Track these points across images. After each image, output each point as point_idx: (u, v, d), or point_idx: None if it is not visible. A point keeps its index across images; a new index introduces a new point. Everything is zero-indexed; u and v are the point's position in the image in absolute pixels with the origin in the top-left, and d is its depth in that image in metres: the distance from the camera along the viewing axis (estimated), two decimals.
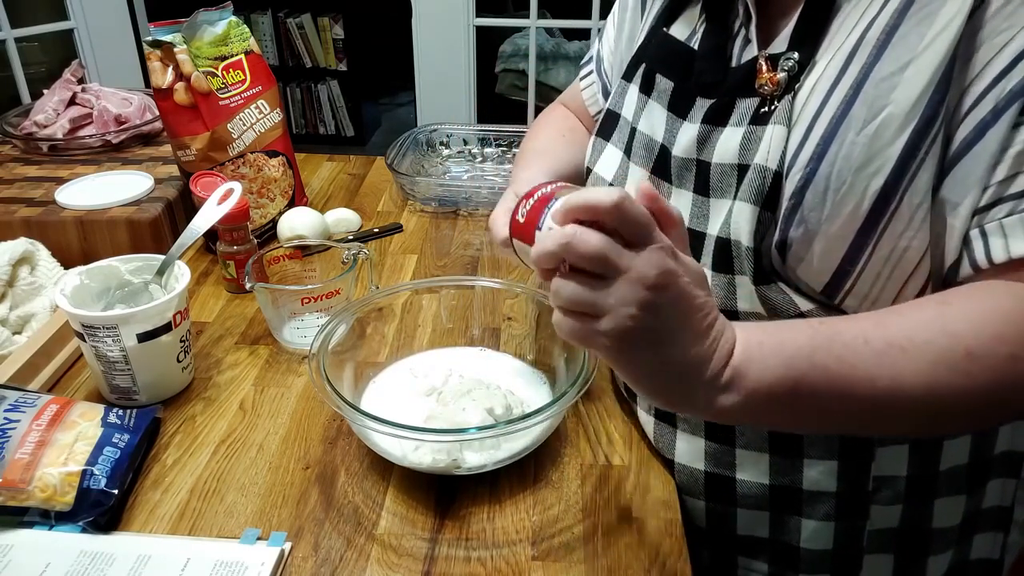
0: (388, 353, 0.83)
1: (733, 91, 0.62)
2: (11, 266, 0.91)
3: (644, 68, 0.71)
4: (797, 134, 0.57)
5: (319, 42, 3.74)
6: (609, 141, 0.75)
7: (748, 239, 0.59)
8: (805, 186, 0.56)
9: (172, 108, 0.98)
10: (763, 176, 0.58)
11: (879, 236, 0.55)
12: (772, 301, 0.60)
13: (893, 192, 0.53)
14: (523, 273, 1.04)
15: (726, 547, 0.72)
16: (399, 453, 0.68)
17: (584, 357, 0.70)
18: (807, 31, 0.58)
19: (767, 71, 0.59)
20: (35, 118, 1.26)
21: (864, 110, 0.54)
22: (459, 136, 1.37)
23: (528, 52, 2.51)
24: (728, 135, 0.62)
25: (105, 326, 0.72)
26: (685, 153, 0.65)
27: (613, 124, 0.75)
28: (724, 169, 0.62)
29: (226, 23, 1.04)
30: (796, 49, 0.58)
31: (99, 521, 0.64)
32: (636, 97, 0.72)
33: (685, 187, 0.66)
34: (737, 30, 0.64)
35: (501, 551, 0.63)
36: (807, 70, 0.57)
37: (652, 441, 0.73)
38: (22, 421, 0.66)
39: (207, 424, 0.76)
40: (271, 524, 0.65)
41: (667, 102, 0.68)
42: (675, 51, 0.68)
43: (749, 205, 0.58)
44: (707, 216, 0.64)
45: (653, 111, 0.69)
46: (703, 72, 0.65)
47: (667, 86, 0.68)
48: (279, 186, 1.09)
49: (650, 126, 0.69)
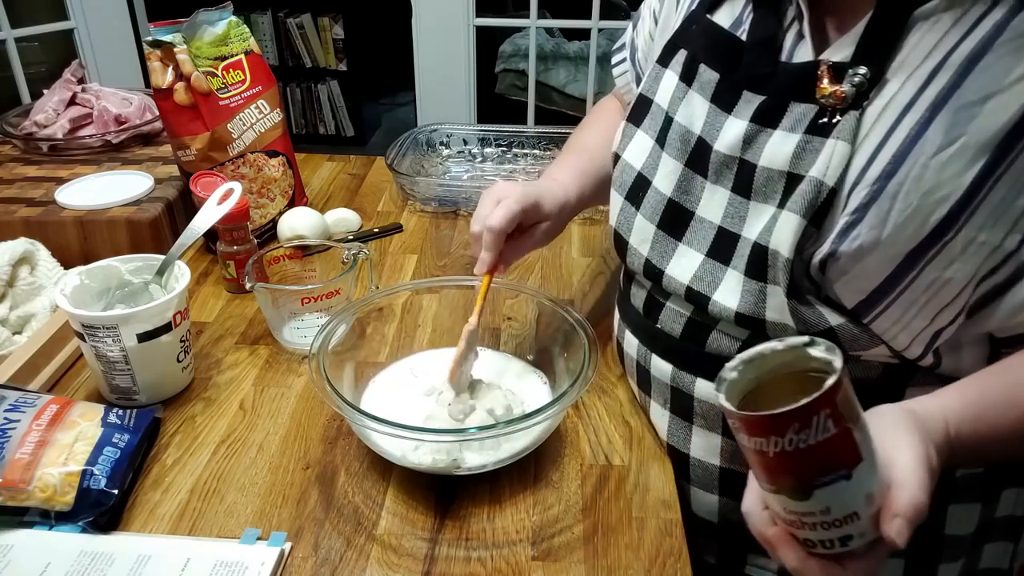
0: (388, 353, 0.83)
1: (786, 92, 0.60)
2: (11, 266, 0.91)
3: (686, 56, 0.68)
4: (866, 151, 0.55)
5: (319, 42, 3.74)
6: (640, 127, 0.73)
7: (788, 251, 0.58)
8: (870, 203, 0.55)
9: (172, 108, 0.98)
10: (818, 190, 0.56)
11: (928, 262, 0.55)
12: (802, 314, 0.59)
13: (954, 221, 0.53)
14: (523, 273, 1.04)
15: (737, 543, 0.72)
16: (399, 453, 0.68)
17: (584, 357, 0.70)
18: (876, 45, 0.56)
19: (829, 82, 0.57)
20: (35, 118, 1.25)
21: (939, 135, 0.53)
22: (459, 136, 1.37)
23: (528, 52, 2.51)
24: (779, 140, 0.60)
25: (105, 326, 0.72)
26: (728, 150, 0.63)
27: (645, 110, 0.73)
28: (771, 174, 0.60)
29: (226, 23, 1.04)
30: (863, 62, 0.56)
31: (99, 521, 0.64)
32: (674, 85, 0.69)
33: (722, 184, 0.65)
34: (790, 22, 0.62)
35: (501, 551, 0.63)
36: (878, 87, 0.55)
37: (665, 436, 0.73)
38: (22, 421, 0.66)
39: (207, 424, 0.76)
40: (271, 524, 0.65)
41: (710, 94, 0.65)
42: (721, 40, 0.66)
43: (797, 217, 0.57)
44: (744, 219, 0.63)
45: (693, 102, 0.67)
46: (752, 64, 0.62)
47: (711, 77, 0.65)
48: (279, 186, 1.09)
49: (688, 117, 0.67)
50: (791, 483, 0.44)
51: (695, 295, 0.66)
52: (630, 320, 0.77)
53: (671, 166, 0.68)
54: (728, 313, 0.63)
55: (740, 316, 0.63)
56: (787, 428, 0.41)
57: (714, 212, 0.65)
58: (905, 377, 0.62)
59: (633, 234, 0.72)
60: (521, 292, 0.83)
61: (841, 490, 0.43)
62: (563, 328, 0.77)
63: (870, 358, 0.61)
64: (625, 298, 0.78)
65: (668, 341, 0.71)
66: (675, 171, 0.68)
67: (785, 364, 0.46)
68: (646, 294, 0.74)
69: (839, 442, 0.42)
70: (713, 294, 0.65)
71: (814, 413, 0.41)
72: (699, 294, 0.66)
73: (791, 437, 0.41)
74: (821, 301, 0.60)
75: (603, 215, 1.18)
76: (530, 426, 0.65)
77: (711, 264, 0.65)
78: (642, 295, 0.74)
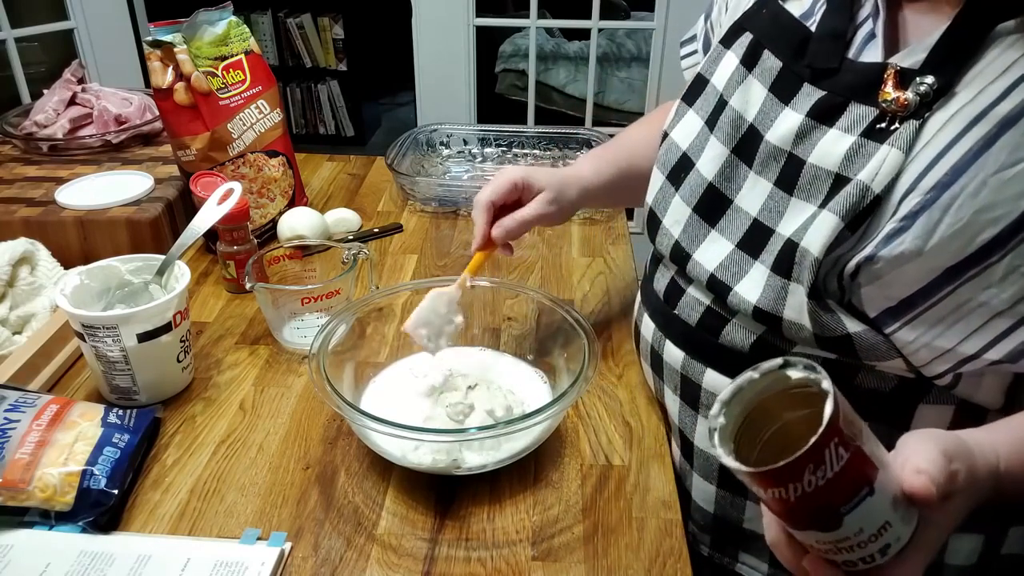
0: (388, 353, 0.83)
1: (848, 91, 0.58)
2: (11, 266, 0.91)
3: (751, 40, 0.66)
4: (924, 159, 0.54)
5: (319, 42, 3.74)
6: (691, 107, 0.71)
7: (819, 251, 0.57)
8: (920, 211, 0.53)
9: (172, 108, 0.98)
10: (863, 195, 0.55)
11: (965, 281, 0.53)
12: (819, 317, 0.58)
13: (1002, 245, 0.52)
14: (523, 273, 1.04)
15: (729, 538, 0.72)
16: (399, 453, 0.68)
17: (584, 357, 0.70)
18: (950, 55, 0.54)
19: (894, 86, 0.55)
20: (35, 118, 1.25)
21: (1004, 153, 0.51)
22: (459, 136, 1.37)
23: (528, 52, 2.51)
24: (833, 139, 0.58)
25: (105, 326, 0.72)
26: (780, 142, 0.62)
27: (699, 89, 0.71)
28: (819, 173, 0.59)
29: (226, 23, 1.04)
30: (932, 71, 0.54)
31: (99, 521, 0.64)
32: (734, 68, 0.67)
33: (766, 176, 0.63)
34: (863, 19, 0.60)
35: (501, 551, 0.63)
36: (944, 98, 0.54)
37: (676, 421, 0.73)
38: (22, 421, 0.66)
39: (207, 424, 0.76)
40: (271, 524, 0.65)
41: (770, 82, 0.64)
42: (789, 28, 0.64)
43: (835, 218, 0.56)
44: (782, 214, 0.62)
45: (751, 88, 0.65)
46: (817, 55, 0.61)
47: (774, 64, 0.64)
48: (279, 186, 1.09)
49: (744, 103, 0.65)
50: (819, 519, 0.43)
51: (717, 284, 0.66)
52: (650, 304, 0.77)
53: (717, 150, 0.67)
54: (747, 306, 0.63)
55: (758, 311, 0.62)
56: (803, 471, 0.40)
57: (753, 203, 0.64)
58: (920, 393, 0.61)
59: (668, 214, 0.71)
60: (521, 292, 0.83)
61: (869, 507, 0.42)
62: (563, 328, 0.77)
63: (886, 369, 0.60)
64: (648, 282, 0.78)
65: (684, 328, 0.71)
66: (720, 156, 0.66)
67: (766, 389, 0.45)
68: (669, 279, 0.73)
69: (855, 463, 0.41)
70: (736, 285, 0.64)
71: (825, 447, 0.40)
72: (722, 283, 0.65)
73: (809, 479, 0.40)
74: (843, 306, 0.59)
75: (603, 215, 1.18)
76: (530, 426, 0.65)
77: (739, 255, 0.65)
78: (665, 280, 0.74)
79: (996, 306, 0.53)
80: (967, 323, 0.55)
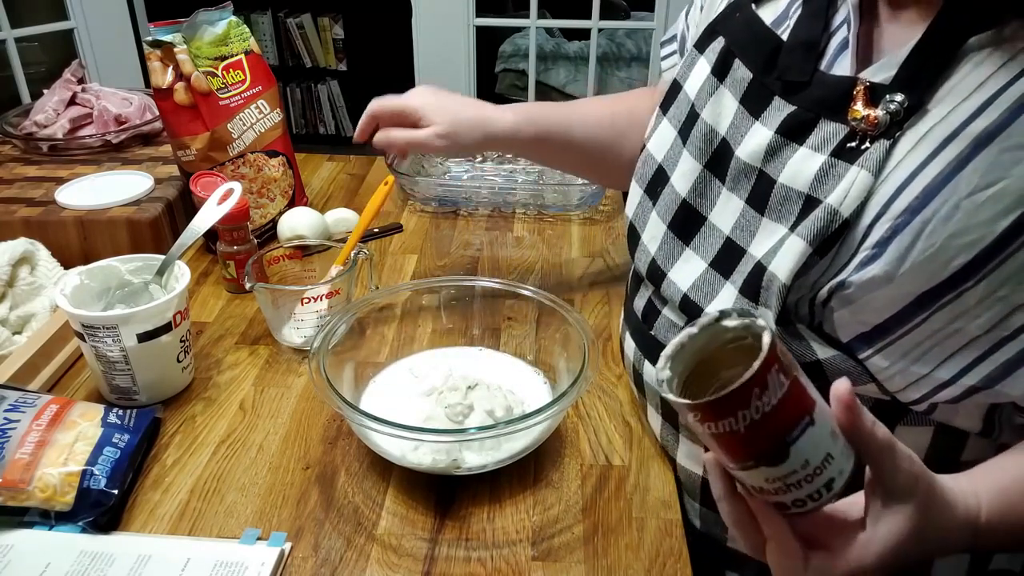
0: (388, 353, 0.83)
1: (819, 107, 0.56)
2: (11, 266, 0.91)
3: (722, 47, 0.64)
4: (894, 181, 0.52)
5: (319, 42, 3.74)
6: (666, 115, 0.70)
7: (786, 276, 0.55)
8: (891, 237, 0.51)
9: (172, 108, 0.98)
10: (831, 219, 0.53)
11: (939, 307, 0.51)
12: (788, 344, 0.57)
13: (977, 270, 0.49)
14: (523, 273, 1.04)
15: (715, 555, 0.72)
16: (399, 453, 0.68)
17: (584, 357, 0.70)
18: (920, 71, 0.51)
19: (864, 103, 0.53)
20: (35, 118, 1.25)
21: (977, 176, 0.49)
22: None
23: (528, 52, 2.51)
24: (803, 158, 0.56)
25: (105, 326, 0.72)
26: (750, 159, 0.60)
27: (674, 96, 0.69)
28: (789, 194, 0.57)
29: (226, 23, 1.04)
30: (902, 88, 0.52)
31: (99, 521, 0.64)
32: (705, 77, 0.65)
33: (738, 193, 0.61)
34: (837, 27, 0.58)
35: (501, 551, 0.63)
36: (916, 116, 0.51)
37: (659, 439, 0.73)
38: (22, 421, 0.66)
39: (207, 424, 0.76)
40: (271, 524, 0.65)
41: (740, 94, 0.61)
42: (760, 37, 0.61)
43: (803, 243, 0.54)
44: (754, 234, 0.60)
45: (723, 100, 0.63)
46: (788, 68, 0.58)
47: (744, 75, 0.61)
48: (279, 186, 1.09)
49: (715, 115, 0.63)
50: (768, 449, 0.44)
51: (690, 305, 0.64)
52: (630, 323, 0.76)
53: (689, 165, 0.65)
54: None
55: None
56: (750, 397, 0.42)
57: (725, 221, 0.63)
58: (897, 415, 0.59)
59: (646, 230, 0.70)
60: (521, 292, 0.83)
61: (811, 437, 0.44)
62: (563, 328, 0.77)
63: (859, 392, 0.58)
64: (630, 300, 0.78)
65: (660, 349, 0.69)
66: (693, 171, 0.65)
67: (708, 343, 0.47)
68: (647, 299, 0.73)
69: (796, 391, 0.43)
70: (706, 306, 0.63)
71: (767, 372, 0.41)
72: (694, 304, 0.64)
73: (756, 404, 0.42)
74: (814, 331, 0.57)
75: (603, 215, 1.19)
76: (530, 426, 0.65)
77: (712, 275, 0.63)
78: (643, 300, 0.73)
79: (972, 331, 0.51)
80: (942, 348, 0.52)
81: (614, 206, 1.21)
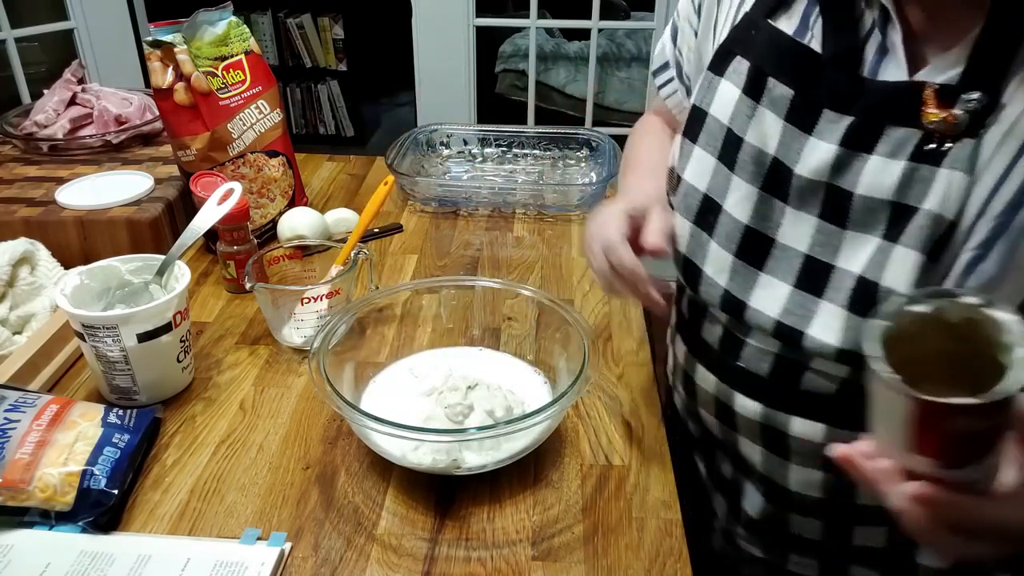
0: (388, 353, 0.83)
1: (880, 114, 0.55)
2: (11, 266, 0.91)
3: (749, 68, 0.63)
4: (988, 182, 0.51)
5: (319, 42, 3.74)
6: (697, 143, 0.67)
7: (906, 287, 0.54)
8: (995, 238, 0.51)
9: (172, 108, 0.98)
10: (937, 224, 0.52)
11: None
12: None
13: None
14: (523, 273, 1.04)
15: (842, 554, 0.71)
16: (399, 453, 0.68)
17: (584, 357, 0.70)
18: (988, 67, 0.51)
19: (937, 106, 0.52)
20: (35, 118, 1.25)
21: None
22: (459, 136, 1.37)
23: (528, 52, 2.51)
24: (878, 167, 0.55)
25: (105, 326, 0.72)
26: (814, 174, 0.59)
27: (699, 122, 0.67)
28: (873, 204, 0.56)
29: (226, 23, 1.04)
30: (976, 86, 0.51)
31: (99, 521, 0.64)
32: (735, 98, 0.64)
33: (808, 211, 0.60)
34: (867, 33, 0.58)
35: (501, 551, 0.63)
36: (994, 113, 0.51)
37: (759, 469, 0.70)
38: (22, 421, 0.66)
39: (207, 424, 0.76)
40: (271, 524, 0.65)
41: (784, 112, 0.60)
42: (790, 52, 0.61)
43: (914, 253, 0.53)
44: (837, 248, 0.59)
45: (764, 119, 0.62)
46: (837, 81, 0.57)
47: (784, 93, 0.60)
48: (279, 186, 1.09)
49: (761, 136, 0.62)
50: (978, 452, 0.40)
51: (785, 330, 0.62)
52: (702, 356, 0.73)
53: (744, 190, 0.63)
54: (827, 349, 0.59)
55: (843, 353, 0.59)
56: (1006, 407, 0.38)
57: (799, 240, 0.61)
58: None
59: (708, 263, 0.67)
60: (521, 292, 0.83)
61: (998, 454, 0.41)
62: (563, 328, 0.77)
63: None
64: (692, 332, 0.74)
65: (754, 380, 0.67)
66: (750, 196, 0.63)
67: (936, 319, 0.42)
68: (722, 330, 0.69)
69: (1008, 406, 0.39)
70: (807, 328, 0.60)
71: None
72: (790, 328, 0.62)
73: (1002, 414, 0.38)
74: None
75: None
76: (530, 426, 0.65)
77: (801, 296, 0.61)
78: (716, 330, 0.70)
79: None
80: None
81: None
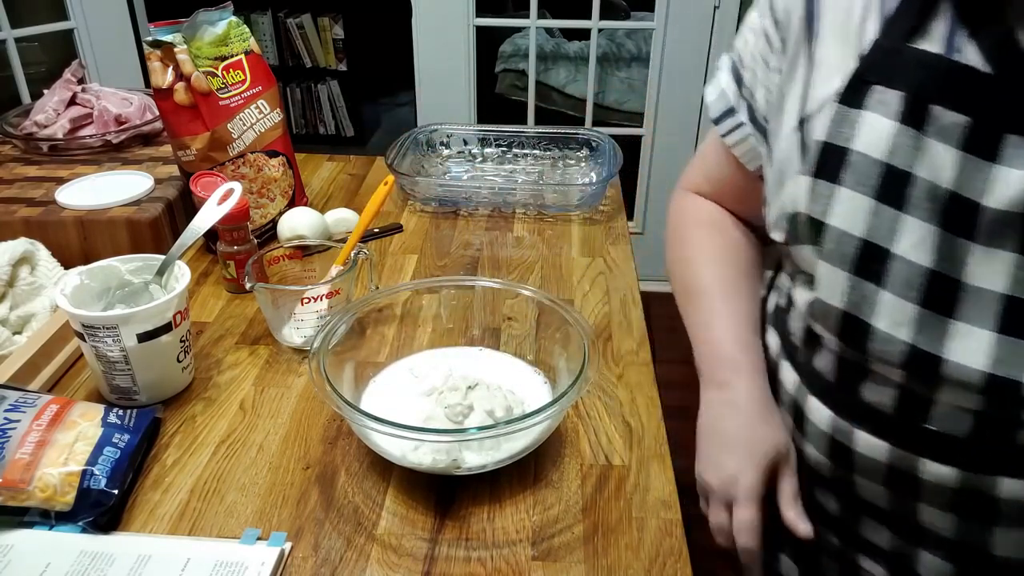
0: (388, 353, 0.83)
1: None
2: (11, 266, 0.91)
3: (904, 98, 0.57)
4: None
5: (319, 42, 3.74)
6: (839, 184, 0.60)
7: None
8: None
9: (172, 108, 0.98)
10: None
11: None
12: None
13: None
14: (523, 273, 1.04)
15: None
16: (399, 453, 0.68)
17: (584, 357, 0.70)
18: None
19: None
20: (35, 118, 1.26)
21: None
22: (459, 136, 1.37)
23: (528, 52, 2.51)
24: None
25: (105, 326, 0.72)
26: (1009, 206, 0.54)
27: (839, 161, 0.60)
28: None
29: (226, 23, 1.04)
30: None
31: (99, 521, 0.64)
32: (891, 131, 0.58)
33: (1004, 247, 0.55)
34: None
35: (501, 551, 0.63)
36: None
37: (887, 506, 0.66)
38: (22, 421, 0.66)
39: (207, 424, 0.76)
40: (271, 524, 0.65)
41: (958, 140, 0.55)
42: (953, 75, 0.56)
43: None
44: None
45: (934, 151, 0.56)
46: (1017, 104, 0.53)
47: (955, 120, 0.55)
48: (279, 186, 1.09)
49: (933, 169, 0.56)
50: None
51: (999, 383, 0.56)
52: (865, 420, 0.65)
53: (922, 231, 0.57)
54: None
55: None
56: None
57: (994, 280, 0.56)
58: None
59: (880, 317, 0.60)
60: (521, 292, 0.83)
61: None
62: (563, 328, 0.77)
63: None
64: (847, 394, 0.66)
65: (950, 443, 0.60)
66: (929, 236, 0.57)
67: None
68: (896, 390, 0.62)
69: None
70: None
71: None
72: (1005, 380, 0.55)
73: None
74: None
75: (603, 215, 1.19)
76: (530, 426, 0.65)
77: (1011, 342, 0.55)
78: (889, 392, 0.62)
79: None
80: None
81: (614, 206, 1.22)
